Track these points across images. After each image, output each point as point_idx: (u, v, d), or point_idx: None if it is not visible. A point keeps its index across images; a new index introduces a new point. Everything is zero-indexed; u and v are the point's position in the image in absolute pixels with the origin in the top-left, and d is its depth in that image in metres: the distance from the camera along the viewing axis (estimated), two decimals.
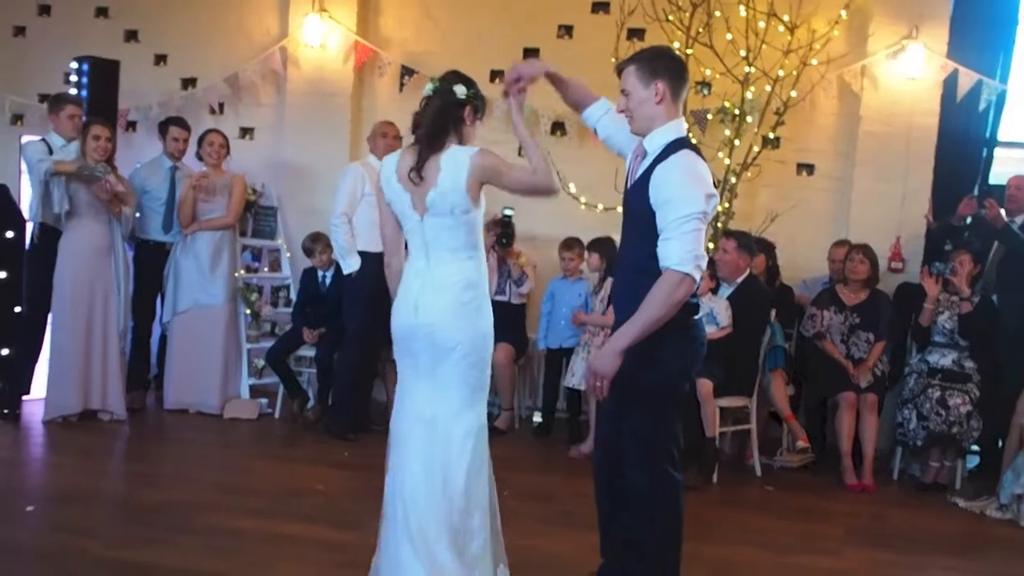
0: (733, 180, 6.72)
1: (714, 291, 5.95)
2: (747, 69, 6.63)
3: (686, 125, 3.29)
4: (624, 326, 3.13)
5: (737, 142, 6.73)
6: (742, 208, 6.87)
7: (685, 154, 3.18)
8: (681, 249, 3.05)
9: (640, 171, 3.26)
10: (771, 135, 6.78)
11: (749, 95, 6.68)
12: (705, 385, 5.61)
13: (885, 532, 5.07)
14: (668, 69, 3.23)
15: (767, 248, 6.52)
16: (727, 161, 6.72)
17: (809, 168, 7.16)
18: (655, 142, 3.23)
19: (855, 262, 6.16)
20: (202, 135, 6.70)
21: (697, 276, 3.08)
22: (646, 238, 3.15)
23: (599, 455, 3.57)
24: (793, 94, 6.71)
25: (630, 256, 3.31)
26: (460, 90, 3.34)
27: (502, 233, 6.64)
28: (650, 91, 3.21)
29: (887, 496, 5.76)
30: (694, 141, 6.67)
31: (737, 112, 6.69)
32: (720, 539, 4.73)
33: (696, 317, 3.29)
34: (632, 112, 3.26)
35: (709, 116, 6.91)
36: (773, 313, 6.03)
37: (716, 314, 5.83)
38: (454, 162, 3.25)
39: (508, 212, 6.72)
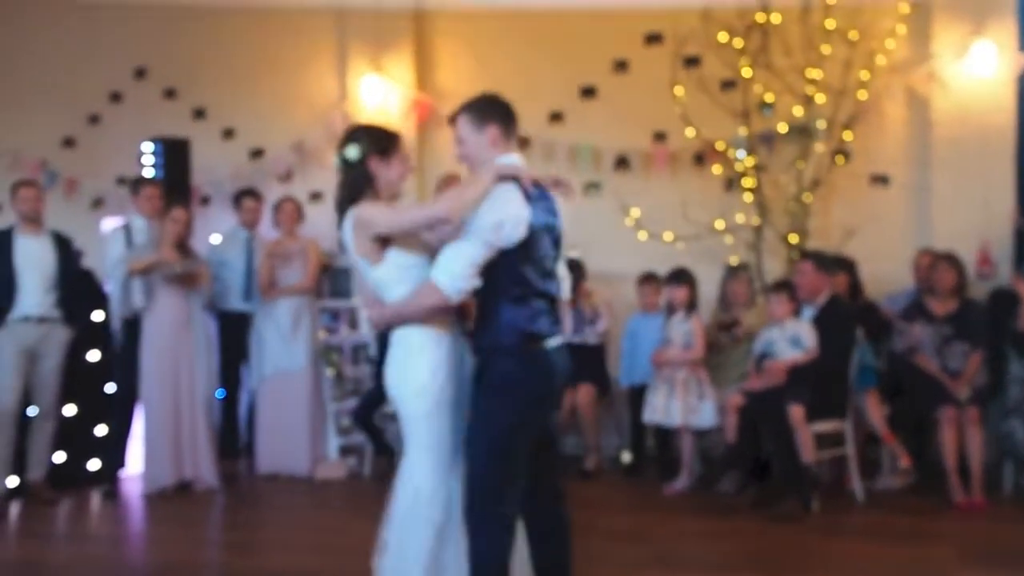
0: (805, 199, 6.60)
1: (796, 313, 5.81)
2: (808, 86, 6.53)
3: (517, 159, 3.29)
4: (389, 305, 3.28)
5: (806, 160, 6.61)
6: (817, 226, 6.75)
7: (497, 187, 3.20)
8: (443, 259, 3.15)
9: None
10: (840, 150, 6.65)
11: (813, 112, 6.57)
12: (797, 411, 5.46)
13: (1001, 550, 4.83)
14: (498, 113, 3.30)
15: (847, 265, 6.36)
16: (797, 180, 6.61)
17: (883, 179, 6.98)
18: None
19: (941, 271, 5.96)
20: (276, 203, 6.86)
21: (445, 291, 3.12)
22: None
23: None
24: (860, 102, 6.58)
25: None
26: (352, 152, 3.36)
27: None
28: (483, 136, 3.27)
29: (999, 512, 5.51)
30: (754, 163, 6.65)
31: (803, 130, 6.59)
32: (824, 570, 4.58)
33: (517, 356, 3.19)
34: (468, 157, 3.33)
35: (774, 136, 6.82)
36: (860, 331, 5.86)
37: (801, 337, 5.69)
38: (346, 226, 3.34)
39: (573, 255, 6.69)
